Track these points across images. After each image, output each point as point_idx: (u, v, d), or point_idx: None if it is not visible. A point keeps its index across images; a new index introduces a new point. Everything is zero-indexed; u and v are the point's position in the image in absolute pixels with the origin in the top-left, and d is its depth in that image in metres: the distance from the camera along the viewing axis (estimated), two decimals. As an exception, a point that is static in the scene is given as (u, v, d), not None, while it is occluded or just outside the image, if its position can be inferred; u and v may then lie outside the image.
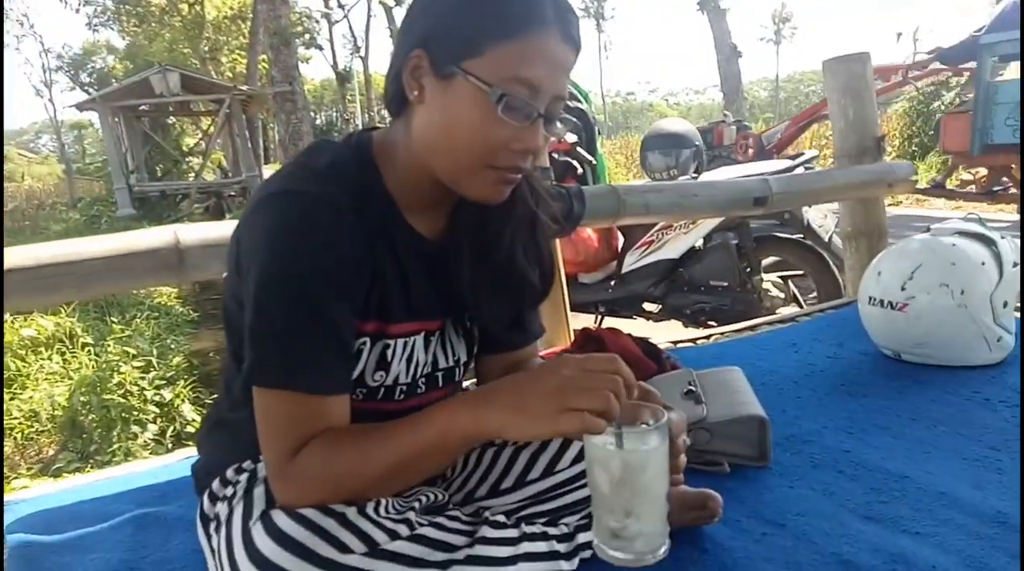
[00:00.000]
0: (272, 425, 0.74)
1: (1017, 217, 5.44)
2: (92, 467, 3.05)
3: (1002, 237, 1.64)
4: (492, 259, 0.89)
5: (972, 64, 4.41)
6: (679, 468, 0.74)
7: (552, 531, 0.92)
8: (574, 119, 3.56)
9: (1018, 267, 1.61)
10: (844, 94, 2.40)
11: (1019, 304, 1.67)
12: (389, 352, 0.84)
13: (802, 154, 3.39)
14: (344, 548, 0.72)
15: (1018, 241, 1.67)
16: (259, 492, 0.79)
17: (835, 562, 0.95)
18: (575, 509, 0.94)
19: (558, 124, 0.80)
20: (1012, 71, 4.28)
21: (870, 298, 1.72)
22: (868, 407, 1.47)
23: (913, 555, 0.95)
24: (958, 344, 1.61)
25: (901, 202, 8.08)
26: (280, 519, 0.73)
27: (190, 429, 3.67)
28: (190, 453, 1.53)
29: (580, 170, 3.58)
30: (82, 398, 3.59)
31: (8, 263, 1.20)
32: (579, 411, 0.67)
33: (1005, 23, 4.33)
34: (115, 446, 3.32)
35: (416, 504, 0.83)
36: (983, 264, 1.58)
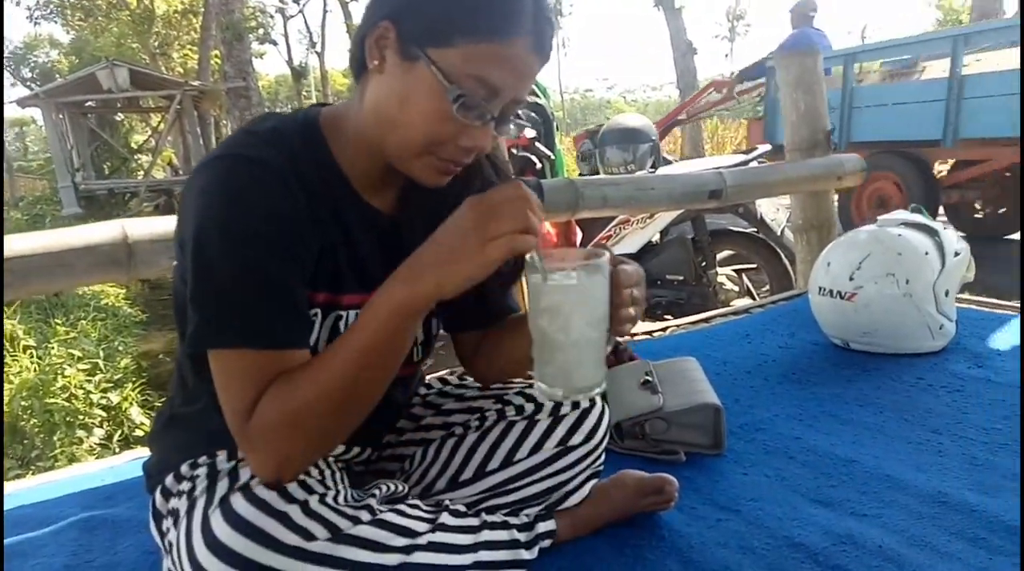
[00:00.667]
0: (226, 386, 0.72)
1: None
2: (34, 473, 2.94)
3: (944, 227, 1.70)
4: None
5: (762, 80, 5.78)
6: (624, 318, 0.74)
7: (513, 520, 0.92)
8: (533, 115, 3.56)
9: (959, 256, 1.67)
10: (796, 88, 2.45)
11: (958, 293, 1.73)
12: (342, 324, 0.83)
13: (756, 148, 3.45)
14: (307, 535, 0.71)
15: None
16: (223, 485, 0.76)
17: (787, 545, 0.97)
18: (535, 501, 0.94)
19: (511, 126, 0.80)
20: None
21: (820, 288, 1.76)
22: (818, 395, 1.51)
23: (860, 536, 0.98)
24: (903, 332, 1.66)
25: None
26: (239, 504, 0.71)
27: (139, 433, 3.57)
28: (138, 454, 1.49)
29: (539, 165, 3.58)
30: (23, 402, 3.46)
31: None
32: (503, 235, 0.67)
33: (785, 52, 5.40)
34: (58, 451, 3.21)
35: (376, 493, 0.83)
36: (927, 254, 1.64)
